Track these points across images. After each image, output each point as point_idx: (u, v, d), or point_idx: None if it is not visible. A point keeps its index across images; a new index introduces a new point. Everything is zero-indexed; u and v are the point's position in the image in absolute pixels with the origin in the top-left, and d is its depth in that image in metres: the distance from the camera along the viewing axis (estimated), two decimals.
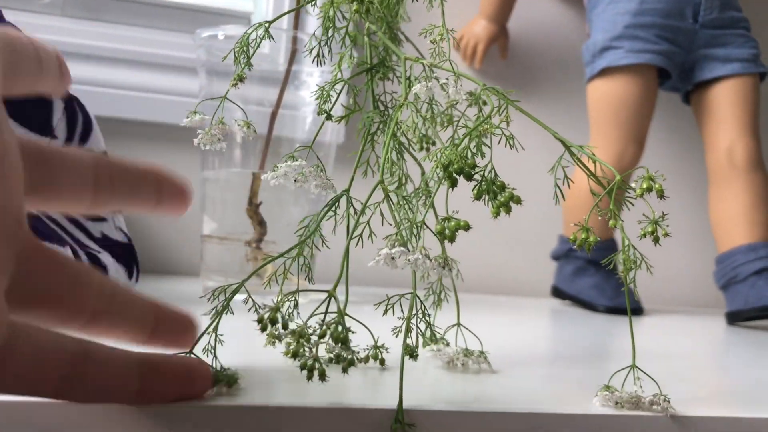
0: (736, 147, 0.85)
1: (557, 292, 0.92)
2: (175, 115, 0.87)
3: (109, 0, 0.91)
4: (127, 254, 0.57)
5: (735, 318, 0.81)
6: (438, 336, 0.39)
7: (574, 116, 1.03)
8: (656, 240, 0.30)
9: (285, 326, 0.26)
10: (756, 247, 0.81)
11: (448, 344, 0.38)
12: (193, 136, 0.39)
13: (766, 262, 0.79)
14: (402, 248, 0.28)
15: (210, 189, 0.72)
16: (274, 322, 0.26)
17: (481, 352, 0.39)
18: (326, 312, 0.27)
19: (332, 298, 0.27)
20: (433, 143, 0.47)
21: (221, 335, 0.30)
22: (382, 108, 0.46)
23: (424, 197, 0.38)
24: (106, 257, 0.53)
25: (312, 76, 0.73)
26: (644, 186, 0.29)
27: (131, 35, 0.87)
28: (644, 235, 0.30)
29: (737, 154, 0.84)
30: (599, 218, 0.33)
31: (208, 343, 0.28)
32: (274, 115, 0.68)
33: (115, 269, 0.53)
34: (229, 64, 0.70)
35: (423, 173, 0.43)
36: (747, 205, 0.83)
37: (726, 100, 0.86)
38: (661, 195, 0.29)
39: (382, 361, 0.36)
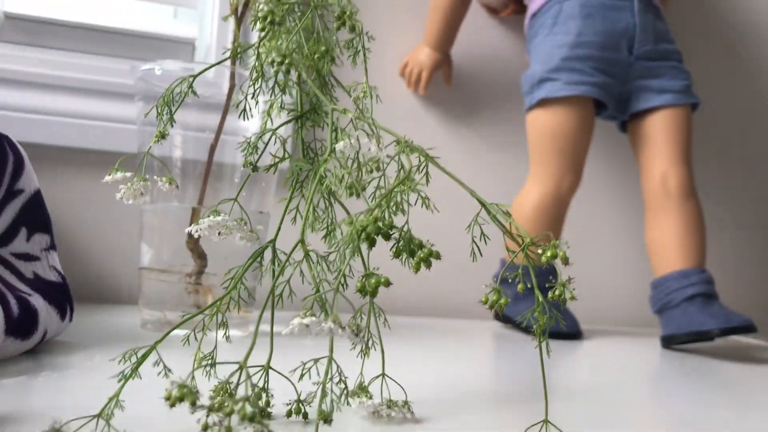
0: (669, 175, 0.87)
1: (500, 316, 0.93)
2: (114, 142, 0.87)
3: (49, 25, 0.90)
4: (60, 295, 0.56)
5: (669, 342, 0.83)
6: (363, 387, 0.40)
7: (516, 140, 1.05)
8: (563, 303, 0.31)
9: (194, 404, 0.26)
10: (688, 273, 0.83)
11: (371, 397, 0.38)
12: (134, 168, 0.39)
13: (697, 289, 0.82)
14: (314, 318, 0.28)
15: (148, 219, 0.71)
16: (182, 399, 0.26)
17: (405, 402, 0.40)
18: (237, 384, 0.28)
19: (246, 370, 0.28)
20: (363, 189, 0.48)
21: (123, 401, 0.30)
22: (311, 155, 0.46)
23: (347, 252, 0.38)
24: (36, 300, 0.52)
25: (253, 117, 0.73)
26: (549, 254, 0.29)
27: (71, 61, 0.86)
28: (553, 297, 0.31)
29: (671, 182, 0.87)
30: (515, 242, 0.34)
31: (108, 407, 0.28)
32: (213, 148, 0.68)
33: (47, 312, 0.53)
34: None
35: (347, 216, 0.43)
36: (680, 232, 0.85)
37: (660, 130, 0.89)
38: (565, 262, 0.30)
39: (305, 416, 0.37)
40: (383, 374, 0.40)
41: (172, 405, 0.26)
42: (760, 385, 0.66)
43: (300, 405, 0.37)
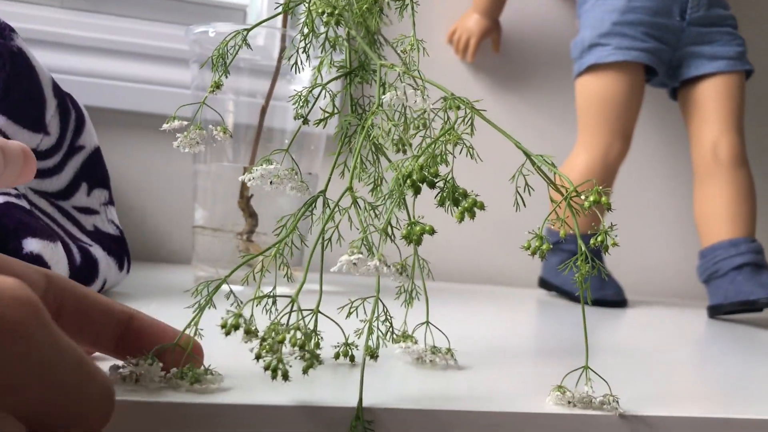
0: (720, 143, 0.86)
1: (544, 283, 0.94)
2: (169, 106, 0.89)
3: None
4: (118, 247, 0.59)
5: (715, 312, 0.82)
6: (407, 333, 0.41)
7: (565, 109, 1.05)
8: (605, 249, 0.31)
9: (248, 331, 0.28)
10: (737, 242, 0.82)
11: (416, 342, 0.40)
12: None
13: (746, 258, 0.81)
14: (360, 256, 0.29)
15: (201, 181, 0.73)
16: (237, 327, 0.28)
17: (449, 350, 0.41)
18: (290, 313, 0.29)
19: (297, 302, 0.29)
20: (407, 145, 0.49)
21: (201, 330, 0.32)
22: (360, 111, 0.48)
23: (392, 201, 0.39)
24: (97, 250, 0.55)
25: (304, 71, 0.74)
26: (591, 199, 0.30)
27: (128, 27, 0.89)
28: (594, 245, 0.32)
29: (722, 150, 0.86)
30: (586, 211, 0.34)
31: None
32: (264, 110, 0.69)
33: (106, 262, 0.55)
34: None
35: (391, 163, 0.44)
36: (730, 201, 0.84)
37: (712, 97, 0.87)
38: (608, 208, 0.31)
39: (352, 358, 0.38)
40: (427, 321, 0.41)
41: (227, 333, 0.28)
42: None
43: (347, 348, 0.38)
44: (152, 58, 0.88)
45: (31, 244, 0.45)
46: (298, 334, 0.27)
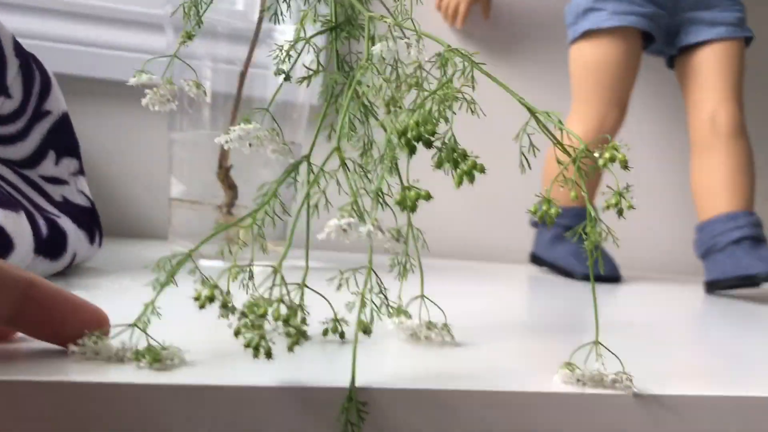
0: (719, 113, 0.83)
1: (535, 259, 0.91)
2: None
3: None
4: (89, 219, 0.55)
5: (713, 287, 0.80)
6: (401, 308, 0.38)
7: (558, 77, 1.01)
8: (620, 212, 0.28)
9: (225, 305, 0.24)
10: (736, 216, 0.80)
11: (410, 317, 0.37)
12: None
13: (744, 232, 0.79)
14: (351, 220, 0.26)
15: (178, 150, 0.70)
16: (212, 299, 0.24)
17: (445, 325, 0.38)
18: (272, 287, 0.26)
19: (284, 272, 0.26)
20: (401, 106, 0.45)
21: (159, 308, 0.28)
22: (347, 69, 0.44)
23: (383, 164, 0.36)
24: (65, 222, 0.51)
25: (285, 35, 0.70)
26: (607, 156, 0.27)
27: None
28: (608, 207, 0.29)
29: (720, 120, 0.83)
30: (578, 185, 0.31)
31: (144, 315, 0.27)
32: (243, 75, 0.66)
33: (76, 235, 0.52)
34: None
35: (390, 122, 0.41)
36: (728, 174, 0.82)
37: (710, 65, 0.84)
38: (624, 165, 0.28)
39: (342, 335, 0.35)
40: (422, 295, 0.38)
41: (202, 306, 0.25)
42: None
43: (337, 323, 0.35)
44: (125, 23, 0.84)
45: None
46: (282, 308, 0.24)
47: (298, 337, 0.25)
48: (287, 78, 0.39)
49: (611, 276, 0.83)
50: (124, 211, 0.87)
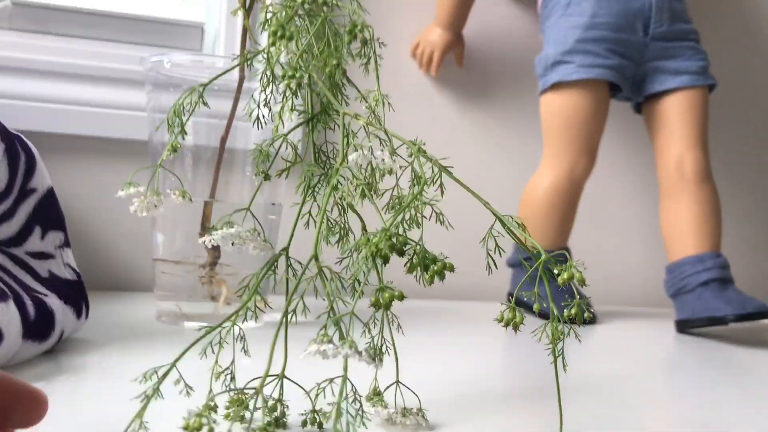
0: (685, 159, 0.86)
1: (510, 299, 0.93)
2: (124, 130, 0.86)
3: (56, 11, 0.89)
4: (75, 293, 0.57)
5: (683, 327, 0.83)
6: (377, 393, 0.40)
7: (529, 124, 1.04)
8: (582, 322, 0.31)
9: (211, 430, 0.26)
10: (703, 258, 0.83)
11: (386, 406, 0.39)
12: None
13: (712, 273, 0.81)
14: (331, 345, 0.28)
15: (161, 211, 0.71)
16: (198, 428, 0.26)
17: (419, 409, 0.40)
18: (254, 408, 0.28)
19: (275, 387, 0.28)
20: (374, 194, 0.47)
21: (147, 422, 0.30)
22: (323, 159, 0.46)
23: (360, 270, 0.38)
24: (53, 300, 0.53)
25: (269, 112, 0.72)
26: (565, 275, 0.29)
27: (79, 48, 0.86)
28: (568, 317, 0.31)
29: (686, 166, 0.86)
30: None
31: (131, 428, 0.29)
32: (223, 140, 0.68)
33: (63, 312, 0.53)
34: (175, 78, 0.69)
35: (363, 226, 0.43)
36: (695, 217, 0.85)
37: (676, 113, 0.87)
38: (582, 283, 0.30)
39: (321, 425, 0.37)
40: (398, 382, 0.40)
41: None
42: None
43: (315, 415, 0.37)
44: (104, 80, 0.85)
45: None
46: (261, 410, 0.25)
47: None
48: (267, 178, 0.41)
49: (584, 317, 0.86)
50: (109, 267, 0.88)
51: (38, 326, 0.49)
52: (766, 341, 0.83)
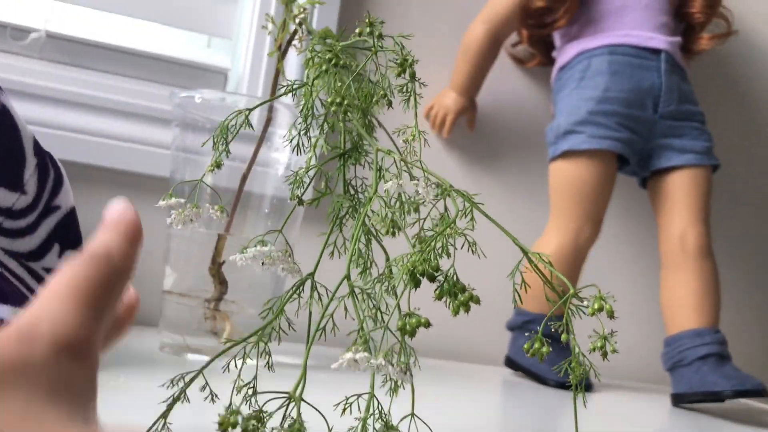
0: (688, 234, 0.88)
1: (510, 363, 0.93)
2: (146, 165, 0.88)
3: (88, 46, 0.92)
4: None
5: (680, 400, 0.83)
6: (391, 426, 0.40)
7: (535, 189, 1.07)
8: (605, 355, 0.31)
9: (245, 430, 0.27)
10: (702, 332, 0.84)
11: None
12: (166, 190, 0.40)
13: (710, 348, 0.82)
14: (365, 354, 0.29)
15: (175, 244, 0.72)
16: (234, 425, 0.27)
17: None
18: (284, 417, 0.28)
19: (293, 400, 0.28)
20: (400, 229, 0.48)
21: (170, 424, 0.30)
22: (352, 192, 0.47)
23: (387, 288, 0.39)
24: None
25: (309, 141, 0.74)
26: (596, 306, 0.30)
27: (108, 83, 0.88)
28: (593, 350, 0.32)
29: (689, 241, 0.88)
30: (555, 292, 0.35)
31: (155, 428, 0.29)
32: (244, 177, 0.69)
33: None
34: (202, 120, 0.71)
35: (387, 258, 0.44)
36: (695, 291, 0.86)
37: (680, 189, 0.90)
38: (611, 315, 0.31)
39: None
40: (413, 414, 0.40)
41: (225, 430, 0.27)
42: None
43: None
44: (130, 116, 0.87)
45: (2, 311, 0.43)
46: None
47: None
48: (300, 202, 0.43)
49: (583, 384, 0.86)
50: None
51: None
52: (760, 420, 0.83)
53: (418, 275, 0.34)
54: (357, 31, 0.38)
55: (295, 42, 0.60)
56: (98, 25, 0.92)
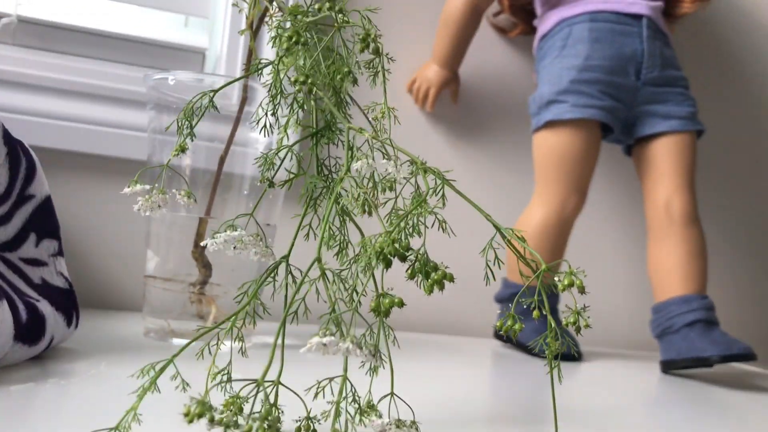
0: (673, 201, 0.88)
1: (499, 335, 0.94)
2: (123, 149, 0.87)
3: (62, 30, 0.90)
4: (67, 301, 0.57)
5: (668, 367, 0.83)
6: (372, 405, 0.40)
7: (520, 160, 1.06)
8: (578, 330, 0.31)
9: (212, 420, 0.26)
10: (689, 299, 0.84)
11: (380, 416, 0.39)
12: (143, 175, 0.39)
13: (698, 315, 0.82)
14: (332, 338, 0.28)
15: (155, 227, 0.71)
16: (201, 415, 0.26)
17: (413, 422, 0.40)
18: (255, 395, 0.28)
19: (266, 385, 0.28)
20: (376, 207, 0.48)
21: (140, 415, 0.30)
22: (325, 172, 0.47)
23: (361, 272, 0.39)
24: (44, 306, 0.52)
25: (276, 121, 0.73)
26: (566, 282, 0.30)
27: (82, 67, 0.86)
28: (566, 325, 0.32)
29: (674, 208, 0.87)
30: (529, 268, 0.34)
31: (125, 420, 0.29)
32: (222, 159, 0.68)
33: (54, 318, 0.53)
34: (177, 101, 0.70)
35: (363, 237, 0.43)
36: (682, 258, 0.86)
37: (665, 156, 0.89)
38: (582, 291, 0.31)
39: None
40: (392, 393, 0.40)
41: (190, 421, 0.27)
42: (758, 412, 0.67)
43: (310, 422, 0.37)
44: (105, 99, 0.86)
45: None
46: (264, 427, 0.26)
47: None
48: (271, 184, 0.42)
49: (572, 354, 0.86)
50: (99, 284, 0.88)
51: (30, 330, 0.49)
52: (749, 383, 0.83)
53: (388, 256, 0.33)
54: (316, 6, 0.37)
55: (267, 19, 0.59)
56: (72, 9, 0.90)
